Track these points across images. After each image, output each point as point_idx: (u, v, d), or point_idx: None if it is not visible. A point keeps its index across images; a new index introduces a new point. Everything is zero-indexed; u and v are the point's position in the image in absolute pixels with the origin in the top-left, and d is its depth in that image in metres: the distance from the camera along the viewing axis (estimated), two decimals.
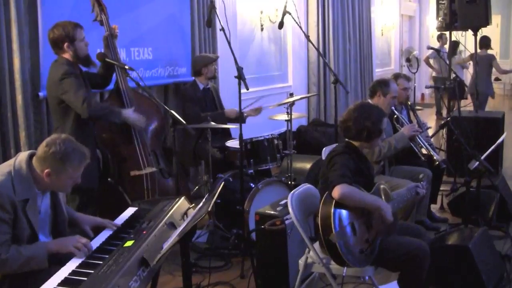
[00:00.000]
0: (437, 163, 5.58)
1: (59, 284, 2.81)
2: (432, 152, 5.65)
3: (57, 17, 5.15)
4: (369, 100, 5.81)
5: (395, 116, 5.75)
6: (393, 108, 5.73)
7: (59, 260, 3.21)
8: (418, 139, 5.60)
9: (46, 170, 3.24)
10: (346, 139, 4.17)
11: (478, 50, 10.29)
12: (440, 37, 14.36)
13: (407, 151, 5.70)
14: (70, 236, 3.37)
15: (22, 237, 3.21)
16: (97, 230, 3.64)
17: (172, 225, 3.45)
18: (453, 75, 8.65)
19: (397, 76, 6.24)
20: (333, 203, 3.69)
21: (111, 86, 5.45)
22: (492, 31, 11.42)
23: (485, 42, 11.32)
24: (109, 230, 3.55)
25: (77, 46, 4.81)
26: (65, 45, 4.79)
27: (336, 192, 3.67)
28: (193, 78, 6.78)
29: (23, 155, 3.32)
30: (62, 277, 2.88)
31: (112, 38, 5.22)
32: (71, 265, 3.02)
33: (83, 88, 4.75)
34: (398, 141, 5.40)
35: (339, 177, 3.73)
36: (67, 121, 4.83)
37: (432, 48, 9.80)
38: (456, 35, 9.82)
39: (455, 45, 12.96)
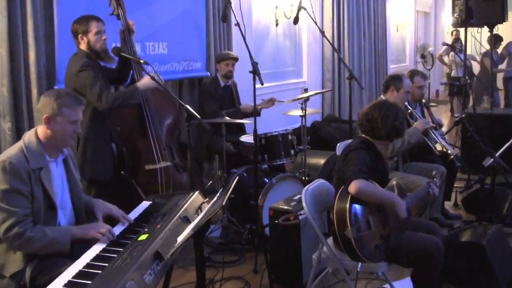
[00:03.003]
0: (452, 157, 5.55)
1: (73, 277, 2.82)
2: (446, 146, 5.62)
3: (73, 11, 5.18)
4: (382, 96, 5.80)
5: (409, 111, 5.73)
6: (406, 103, 5.71)
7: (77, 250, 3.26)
8: (432, 134, 5.58)
9: (45, 116, 3.37)
10: (363, 135, 4.16)
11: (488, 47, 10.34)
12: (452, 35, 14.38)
13: (422, 147, 5.69)
14: (93, 222, 3.47)
15: (39, 210, 3.29)
16: (109, 221, 3.66)
17: (186, 219, 3.46)
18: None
19: (414, 74, 6.20)
20: (349, 198, 3.69)
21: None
22: (508, 28, 11.35)
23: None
24: (121, 225, 3.56)
25: (90, 38, 4.86)
26: (79, 36, 4.87)
27: (353, 187, 3.68)
28: (209, 73, 6.79)
29: (30, 132, 3.47)
30: (76, 269, 2.90)
31: (128, 33, 5.24)
32: (86, 257, 3.03)
33: (100, 81, 4.79)
34: (411, 136, 5.38)
35: (356, 172, 3.73)
36: (84, 113, 4.84)
37: (447, 45, 9.77)
38: (472, 31, 9.76)
39: (456, 42, 12.94)
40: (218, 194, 3.55)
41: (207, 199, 3.82)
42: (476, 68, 12.87)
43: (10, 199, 3.18)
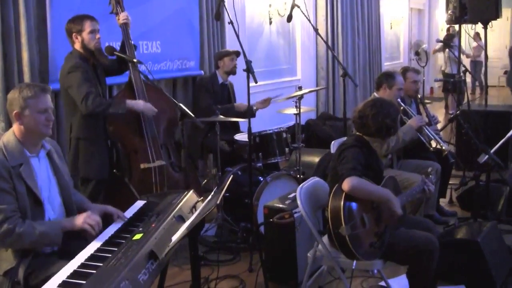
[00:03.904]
0: (446, 153, 5.55)
1: (68, 277, 2.81)
2: (441, 143, 5.62)
3: (66, 11, 5.18)
4: (375, 93, 5.79)
5: (402, 108, 5.71)
6: (399, 100, 5.70)
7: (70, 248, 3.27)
8: (426, 131, 5.57)
9: (14, 112, 3.35)
10: (357, 133, 4.15)
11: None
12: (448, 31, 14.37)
13: (416, 144, 5.68)
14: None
15: (25, 206, 3.28)
16: (105, 219, 3.65)
17: (180, 218, 3.44)
18: (462, 68, 8.63)
19: (406, 70, 6.21)
20: (343, 196, 3.68)
21: (125, 79, 5.45)
22: (502, 24, 11.39)
23: None
24: (117, 224, 3.55)
25: (84, 37, 4.85)
26: (73, 35, 4.88)
27: (346, 184, 3.67)
28: (203, 71, 6.77)
29: (8, 132, 3.45)
30: (71, 270, 2.88)
31: (125, 27, 5.23)
32: (81, 257, 3.02)
33: (88, 84, 4.77)
34: (405, 133, 5.38)
35: (349, 169, 3.72)
36: (77, 112, 4.85)
37: (441, 41, 9.77)
38: (466, 28, 9.77)
39: (449, 38, 12.94)
40: (212, 193, 3.55)
41: (202, 197, 3.81)
42: (467, 63, 12.86)
43: None
